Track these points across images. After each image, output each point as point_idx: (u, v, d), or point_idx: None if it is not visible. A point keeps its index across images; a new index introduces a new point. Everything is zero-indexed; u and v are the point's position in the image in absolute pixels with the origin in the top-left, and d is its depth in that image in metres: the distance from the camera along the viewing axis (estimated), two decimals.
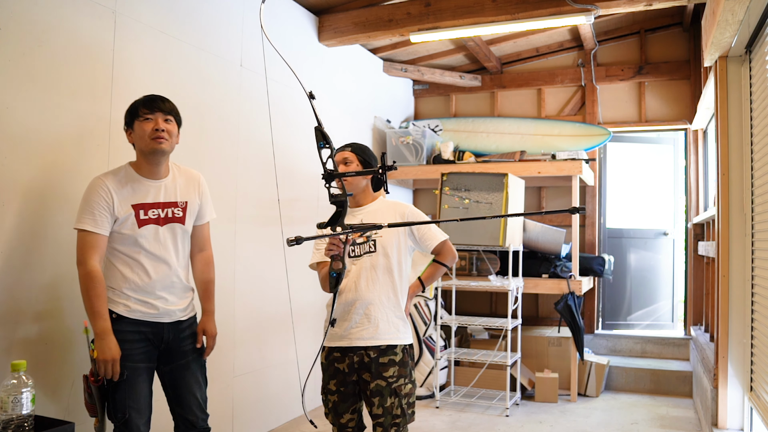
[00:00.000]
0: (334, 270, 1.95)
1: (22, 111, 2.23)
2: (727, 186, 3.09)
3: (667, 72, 5.04)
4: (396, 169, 1.96)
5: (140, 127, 2.14)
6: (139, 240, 2.13)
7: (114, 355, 2.02)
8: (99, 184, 2.10)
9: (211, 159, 3.17)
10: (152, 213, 2.17)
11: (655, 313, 5.47)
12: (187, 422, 2.27)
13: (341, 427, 2.26)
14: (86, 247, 2.05)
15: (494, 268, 4.48)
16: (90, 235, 2.06)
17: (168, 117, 2.18)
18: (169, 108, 2.20)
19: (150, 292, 2.15)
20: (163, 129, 2.14)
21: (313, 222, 4.02)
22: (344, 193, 1.93)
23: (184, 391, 2.26)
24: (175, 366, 2.25)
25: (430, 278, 2.40)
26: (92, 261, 2.04)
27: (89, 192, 2.10)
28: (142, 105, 2.15)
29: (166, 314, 2.18)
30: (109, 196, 2.09)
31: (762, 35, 2.69)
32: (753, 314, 2.93)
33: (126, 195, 2.13)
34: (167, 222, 2.21)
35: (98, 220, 2.06)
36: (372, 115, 4.99)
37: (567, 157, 4.54)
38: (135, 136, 2.17)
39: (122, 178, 2.15)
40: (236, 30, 3.40)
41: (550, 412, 4.10)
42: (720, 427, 3.06)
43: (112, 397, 2.07)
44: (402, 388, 2.19)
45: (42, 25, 2.30)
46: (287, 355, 3.80)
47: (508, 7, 3.75)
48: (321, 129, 1.88)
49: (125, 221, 2.11)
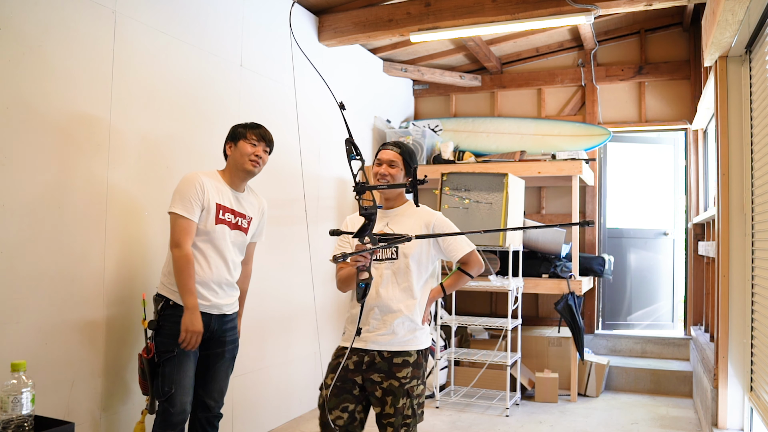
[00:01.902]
0: (362, 281, 1.94)
1: (22, 111, 2.23)
2: (727, 186, 3.09)
3: (667, 72, 5.04)
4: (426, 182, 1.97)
5: (244, 147, 2.48)
6: (212, 235, 2.41)
7: (199, 327, 2.31)
8: (195, 178, 2.40)
9: (211, 159, 3.16)
10: (227, 216, 2.47)
11: (655, 313, 5.47)
12: (205, 405, 2.48)
13: (324, 426, 2.18)
14: (182, 231, 2.33)
15: (494, 268, 4.47)
16: (185, 220, 2.34)
17: (267, 148, 2.55)
18: (270, 140, 2.57)
19: (206, 284, 2.40)
20: (260, 156, 2.51)
21: (313, 222, 4.02)
22: (375, 205, 1.91)
23: (212, 377, 2.48)
24: (212, 353, 2.48)
25: (453, 286, 2.40)
26: (187, 245, 2.33)
27: (186, 182, 2.39)
28: (255, 134, 2.51)
29: (215, 307, 2.43)
30: (202, 188, 2.38)
31: (762, 35, 2.69)
32: (753, 314, 2.93)
33: (213, 193, 2.43)
34: (235, 228, 2.50)
35: (193, 208, 2.35)
36: (372, 115, 4.99)
37: (567, 157, 4.54)
38: (236, 152, 2.50)
39: (213, 178, 2.47)
40: (236, 30, 3.40)
41: (550, 412, 4.10)
42: (720, 427, 3.06)
43: (162, 372, 2.32)
44: (414, 389, 2.19)
45: (42, 25, 2.30)
46: (287, 355, 3.81)
47: (508, 7, 3.75)
48: (352, 141, 1.89)
49: (207, 215, 2.40)
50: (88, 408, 2.46)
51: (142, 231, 2.75)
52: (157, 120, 2.84)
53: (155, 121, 2.83)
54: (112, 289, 2.58)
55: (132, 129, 2.70)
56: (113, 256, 2.59)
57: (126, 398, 2.65)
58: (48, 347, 2.30)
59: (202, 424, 2.50)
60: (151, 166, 2.80)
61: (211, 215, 2.40)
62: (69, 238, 2.41)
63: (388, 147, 2.31)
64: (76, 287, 2.43)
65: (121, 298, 2.63)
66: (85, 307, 2.47)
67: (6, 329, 2.16)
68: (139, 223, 2.74)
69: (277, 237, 3.70)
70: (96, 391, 2.50)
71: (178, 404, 2.31)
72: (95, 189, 2.52)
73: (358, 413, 2.22)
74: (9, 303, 2.18)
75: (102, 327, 2.53)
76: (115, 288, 2.60)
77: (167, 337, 2.34)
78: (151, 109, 2.81)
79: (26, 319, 2.23)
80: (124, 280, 2.64)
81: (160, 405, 2.33)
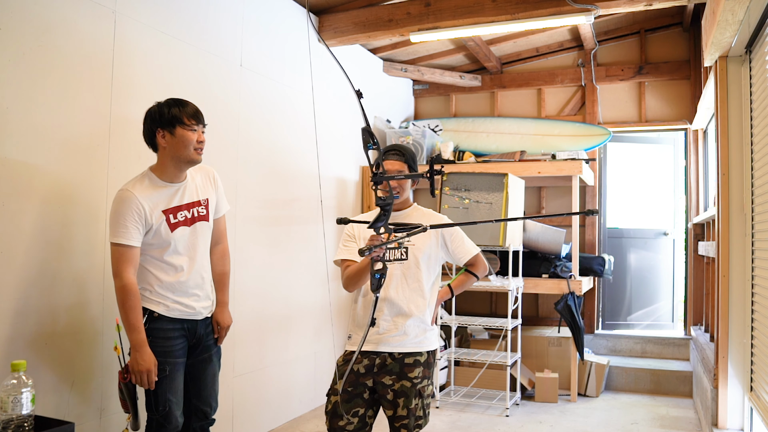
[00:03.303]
0: (377, 271, 1.90)
1: (22, 111, 2.23)
2: (727, 186, 3.09)
3: (667, 72, 5.04)
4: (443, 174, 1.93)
5: (184, 135, 2.18)
6: (173, 243, 2.21)
7: (149, 366, 2.11)
8: (128, 197, 2.13)
9: (211, 159, 3.16)
10: (180, 216, 2.24)
11: (655, 313, 5.47)
12: (201, 413, 2.38)
13: (336, 430, 2.17)
14: (121, 260, 2.11)
15: (494, 268, 4.47)
16: (124, 248, 2.11)
17: (204, 129, 2.27)
18: (203, 118, 2.27)
19: (184, 291, 2.25)
20: (203, 142, 2.23)
21: (313, 222, 4.02)
22: (391, 195, 1.87)
23: (204, 384, 2.37)
24: (198, 360, 2.35)
25: (460, 286, 2.40)
26: (127, 274, 2.10)
27: (120, 205, 2.12)
28: (189, 115, 2.19)
29: (198, 313, 2.30)
30: (140, 207, 2.13)
31: (762, 35, 2.69)
32: (753, 314, 2.93)
33: (155, 202, 2.18)
34: (194, 221, 2.29)
35: (131, 233, 2.11)
36: (372, 115, 4.99)
37: (567, 157, 4.54)
38: (174, 142, 2.18)
39: (147, 186, 2.19)
40: (236, 30, 3.40)
41: (550, 412, 4.10)
42: (720, 427, 3.06)
43: (154, 392, 2.17)
44: (425, 389, 2.19)
45: (42, 25, 2.30)
46: (287, 355, 3.80)
47: (508, 7, 3.74)
48: (369, 129, 1.84)
49: (158, 228, 2.18)
50: (88, 408, 2.46)
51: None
52: None
53: None
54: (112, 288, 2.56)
55: (132, 129, 2.69)
56: None
57: None
58: (48, 347, 2.30)
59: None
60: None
61: (163, 226, 2.18)
62: (69, 238, 2.40)
63: (394, 157, 2.28)
64: (76, 287, 2.43)
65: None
66: (85, 307, 2.46)
67: (6, 329, 2.16)
68: None
69: (277, 237, 3.70)
70: (96, 392, 2.50)
71: (174, 420, 2.22)
72: (95, 189, 2.52)
73: (369, 418, 2.22)
74: (9, 303, 2.17)
75: (102, 327, 2.53)
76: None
77: (157, 355, 2.16)
78: None
79: (26, 319, 2.23)
80: None
81: (154, 420, 2.22)
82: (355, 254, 2.23)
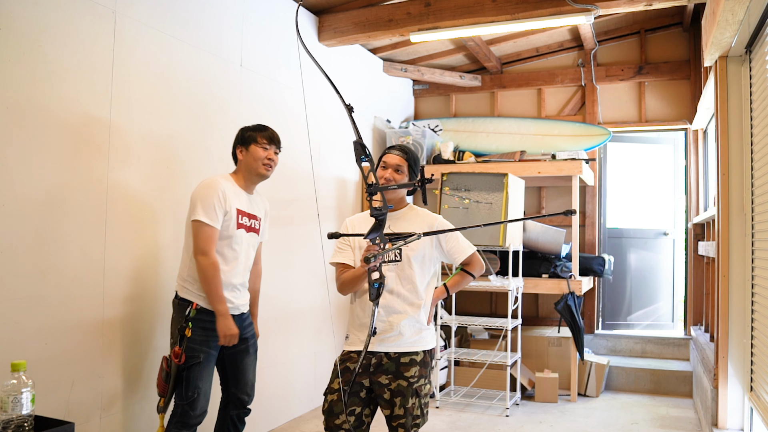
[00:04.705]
0: (375, 281, 1.95)
1: (22, 111, 2.23)
2: (727, 186, 3.09)
3: (667, 72, 5.04)
4: (432, 181, 2.03)
5: (256, 151, 2.51)
6: (233, 240, 2.47)
7: (235, 330, 2.40)
8: (215, 182, 2.43)
9: (211, 159, 3.17)
10: (245, 220, 2.53)
11: (655, 313, 5.47)
12: (239, 401, 2.59)
13: (333, 428, 2.16)
14: (207, 239, 2.37)
15: (494, 268, 4.47)
16: (209, 228, 2.37)
17: (277, 150, 2.58)
18: (279, 141, 2.59)
19: (230, 286, 2.47)
20: (272, 159, 2.55)
21: (313, 222, 4.02)
22: (385, 206, 1.92)
23: (243, 372, 2.58)
24: (237, 350, 2.55)
25: (456, 286, 2.41)
26: (212, 252, 2.38)
27: (207, 189, 2.41)
28: (265, 137, 2.53)
29: (236, 309, 2.51)
30: (224, 194, 2.42)
31: (762, 35, 2.69)
32: (753, 314, 2.93)
33: (232, 197, 2.47)
34: (251, 231, 2.58)
35: (217, 215, 2.39)
36: (372, 115, 4.99)
37: (567, 157, 4.54)
38: (248, 156, 2.52)
39: (229, 183, 2.50)
40: (236, 30, 3.40)
41: (550, 412, 4.10)
42: (720, 427, 3.06)
43: (186, 377, 2.36)
44: (422, 388, 2.19)
45: (42, 25, 2.30)
46: (286, 356, 3.80)
47: (508, 7, 3.75)
48: (361, 143, 1.89)
49: (229, 221, 2.44)
50: (88, 408, 2.46)
51: (142, 231, 2.75)
52: (157, 120, 2.84)
53: (155, 120, 2.83)
54: (112, 289, 2.58)
55: (132, 129, 2.70)
56: (113, 256, 2.59)
57: (126, 398, 2.64)
58: (48, 347, 2.30)
59: (234, 421, 2.61)
60: (151, 166, 2.80)
61: (233, 220, 2.45)
62: (69, 238, 2.40)
63: (395, 152, 2.30)
64: (76, 287, 2.43)
65: (122, 299, 2.63)
66: (85, 307, 2.46)
67: (6, 329, 2.16)
68: (140, 223, 2.73)
69: (276, 237, 3.70)
70: (96, 391, 2.50)
71: (199, 408, 2.38)
72: (95, 189, 2.52)
73: (365, 417, 2.22)
74: (9, 303, 2.17)
75: (102, 327, 2.53)
76: (115, 288, 2.59)
77: (195, 342, 2.38)
78: (151, 109, 2.81)
79: (26, 319, 2.23)
80: (124, 280, 2.64)
81: (180, 407, 2.37)
82: (349, 258, 2.27)
